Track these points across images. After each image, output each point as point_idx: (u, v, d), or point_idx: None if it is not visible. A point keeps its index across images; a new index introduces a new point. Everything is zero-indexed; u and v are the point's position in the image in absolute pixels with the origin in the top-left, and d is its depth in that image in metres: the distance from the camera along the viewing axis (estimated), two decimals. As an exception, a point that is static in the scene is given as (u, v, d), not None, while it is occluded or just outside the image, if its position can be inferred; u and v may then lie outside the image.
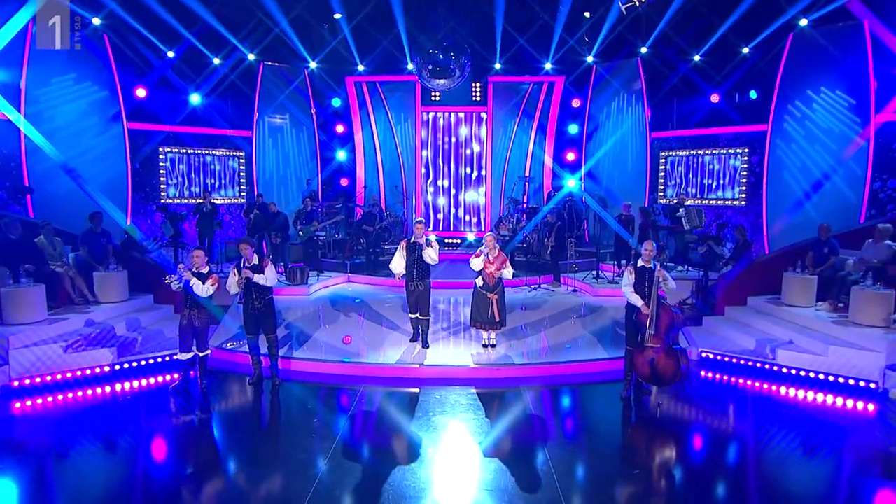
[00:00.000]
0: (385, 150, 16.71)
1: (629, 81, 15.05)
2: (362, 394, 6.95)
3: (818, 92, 11.79)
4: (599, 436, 6.15)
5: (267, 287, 7.11)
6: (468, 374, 7.44)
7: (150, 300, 9.63)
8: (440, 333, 8.72)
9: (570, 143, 16.52)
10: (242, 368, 7.78)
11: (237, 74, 14.75)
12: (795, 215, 11.98)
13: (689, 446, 5.87)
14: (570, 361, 7.66)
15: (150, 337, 8.42)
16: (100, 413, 6.62)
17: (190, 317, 6.97)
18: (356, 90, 16.37)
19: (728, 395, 7.12)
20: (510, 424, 6.26)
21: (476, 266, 7.99)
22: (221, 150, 14.81)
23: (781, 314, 8.55)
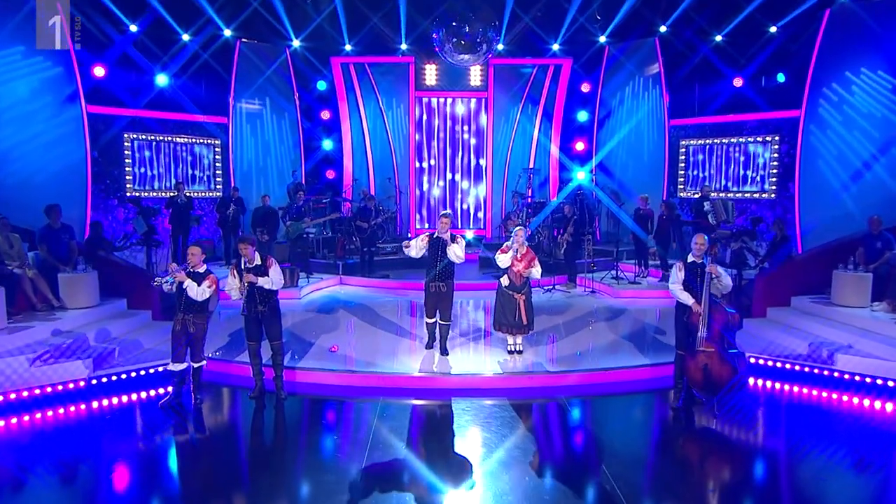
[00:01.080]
0: (375, 138, 16.46)
1: (645, 63, 15.01)
2: (383, 407, 6.66)
3: (858, 73, 11.81)
4: (658, 450, 5.96)
5: (271, 291, 6.78)
6: (499, 382, 7.22)
7: (122, 305, 9.21)
8: (457, 339, 8.49)
9: (578, 131, 16.43)
10: (238, 380, 7.45)
11: (211, 53, 14.31)
12: (832, 209, 11.99)
13: (758, 462, 5.69)
14: (609, 369, 7.47)
15: (129, 347, 8.02)
16: (74, 435, 6.22)
17: (184, 322, 6.61)
18: (343, 72, 16.10)
19: (785, 403, 6.99)
20: (557, 439, 6.05)
21: (503, 262, 7.76)
22: (194, 138, 14.35)
23: (833, 315, 8.47)
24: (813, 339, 8.00)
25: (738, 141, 14.04)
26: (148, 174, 13.70)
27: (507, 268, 7.84)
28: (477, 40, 7.52)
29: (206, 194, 14.55)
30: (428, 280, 7.93)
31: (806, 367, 7.50)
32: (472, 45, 7.56)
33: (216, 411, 6.91)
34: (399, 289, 12.52)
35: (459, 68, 16.23)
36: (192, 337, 6.68)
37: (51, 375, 7.00)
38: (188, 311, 6.59)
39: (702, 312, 6.36)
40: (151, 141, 13.71)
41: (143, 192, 13.44)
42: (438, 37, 7.75)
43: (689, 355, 6.52)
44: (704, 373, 6.37)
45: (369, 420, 6.34)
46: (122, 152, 13.25)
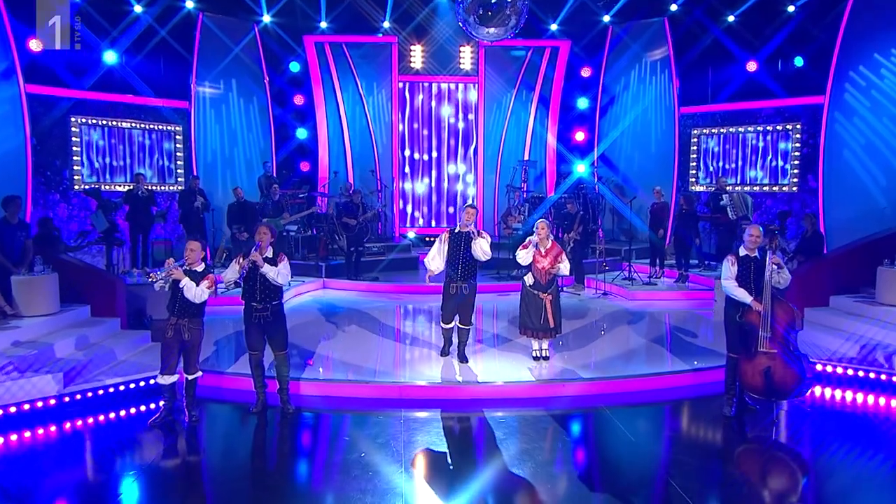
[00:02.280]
0: (353, 127, 16.26)
1: (653, 45, 15.15)
2: (407, 419, 6.48)
3: (888, 55, 12.06)
4: (724, 463, 5.92)
5: (276, 289, 6.55)
6: (532, 391, 7.14)
7: (86, 312, 8.80)
8: (472, 346, 8.33)
9: (578, 120, 16.52)
10: (233, 395, 7.19)
11: (169, 28, 13.86)
12: (860, 203, 12.24)
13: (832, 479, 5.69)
14: (649, 375, 7.45)
15: (101, 359, 7.67)
16: (47, 461, 5.87)
17: (178, 328, 6.32)
18: (318, 53, 15.87)
19: (847, 411, 7.05)
20: (611, 452, 6.00)
21: (524, 260, 7.67)
22: (151, 124, 13.88)
23: (881, 315, 8.58)
24: (863, 342, 8.09)
25: (755, 130, 14.25)
26: (97, 164, 13.16)
27: (530, 265, 7.73)
28: (506, 12, 7.40)
29: (167, 188, 14.08)
30: (447, 280, 7.78)
31: (861, 370, 7.56)
32: (500, 17, 7.43)
33: (213, 430, 6.64)
34: (390, 292, 12.37)
35: (447, 50, 16.24)
36: (186, 344, 6.41)
37: (16, 393, 6.62)
38: (183, 314, 6.31)
39: (762, 310, 6.34)
40: (104, 127, 13.20)
41: (95, 184, 12.91)
42: (462, 6, 7.60)
43: (744, 358, 6.50)
44: (765, 377, 6.34)
45: (396, 434, 6.15)
46: (70, 139, 12.71)
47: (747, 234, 6.65)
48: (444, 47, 16.20)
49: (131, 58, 13.31)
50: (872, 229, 11.23)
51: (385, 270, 13.39)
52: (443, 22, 15.86)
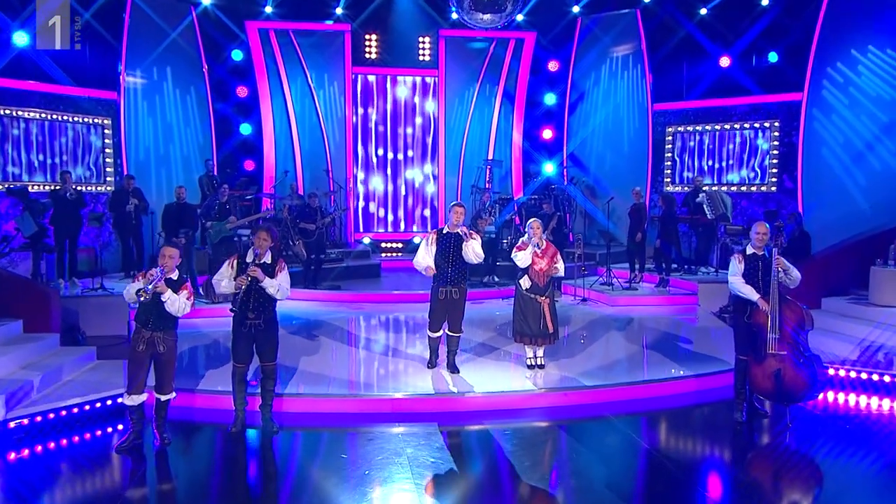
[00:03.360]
0: (303, 122, 16.15)
1: (624, 38, 15.57)
2: (406, 435, 6.49)
3: (865, 52, 12.82)
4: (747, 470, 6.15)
5: (272, 297, 6.46)
6: (534, 401, 7.25)
7: (18, 327, 8.43)
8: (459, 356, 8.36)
9: (546, 117, 16.87)
10: (203, 415, 7.05)
11: (93, 10, 13.43)
12: (839, 203, 12.92)
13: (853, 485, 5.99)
14: (653, 381, 7.70)
15: (48, 378, 7.37)
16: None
17: (151, 341, 6.15)
18: (262, 40, 15.71)
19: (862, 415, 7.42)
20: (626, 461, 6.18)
21: (523, 261, 7.79)
22: (75, 116, 13.42)
23: (877, 316, 9.08)
24: (861, 343, 8.55)
25: (731, 128, 14.85)
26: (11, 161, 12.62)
27: (527, 267, 7.86)
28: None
29: (94, 188, 13.62)
30: (436, 285, 7.84)
31: (864, 372, 7.98)
32: (496, 3, 7.56)
33: (191, 453, 6.49)
34: (353, 302, 12.33)
35: (405, 40, 16.36)
36: (159, 359, 6.24)
37: (-47, 418, 6.30)
38: (158, 327, 6.15)
39: (770, 310, 6.63)
40: (18, 118, 12.67)
41: (9, 184, 12.40)
42: (458, -9, 7.73)
43: (754, 361, 6.78)
44: (776, 380, 6.63)
45: (398, 450, 6.15)
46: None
47: (754, 232, 6.96)
48: (402, 37, 16.33)
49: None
50: (853, 230, 11.89)
51: (342, 278, 13.33)
52: (401, 10, 15.97)
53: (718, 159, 15.00)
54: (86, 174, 13.58)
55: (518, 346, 8.29)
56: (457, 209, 7.83)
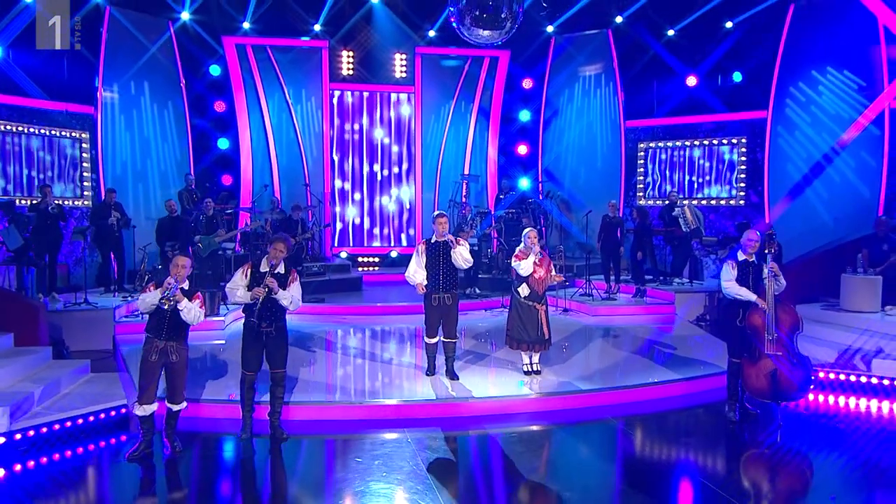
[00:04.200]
0: (280, 138, 16.14)
1: (597, 58, 15.99)
2: (415, 440, 6.57)
3: (824, 72, 13.43)
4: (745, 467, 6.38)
5: (284, 308, 6.50)
6: (536, 405, 7.43)
7: (9, 341, 8.27)
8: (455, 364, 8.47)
9: (520, 133, 17.17)
10: (208, 424, 7.02)
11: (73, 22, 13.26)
12: (803, 216, 13.44)
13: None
14: (648, 384, 7.94)
15: (48, 391, 7.26)
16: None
17: (164, 350, 6.14)
18: (239, 56, 15.71)
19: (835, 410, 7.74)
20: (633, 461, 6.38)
21: (525, 270, 7.96)
22: (53, 130, 13.23)
23: (849, 321, 9.49)
24: (837, 347, 8.92)
25: (700, 144, 15.34)
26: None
27: (527, 276, 8.02)
28: (501, 15, 7.76)
29: (73, 202, 13.41)
30: (428, 292, 7.96)
31: (843, 374, 8.33)
32: (496, 20, 7.78)
33: (196, 462, 6.46)
34: (336, 314, 12.32)
35: (381, 57, 16.51)
36: (171, 368, 6.24)
37: (-41, 430, 6.18)
38: (172, 336, 6.16)
39: (768, 311, 6.90)
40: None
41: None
42: (457, 7, 7.89)
43: (748, 362, 7.04)
44: (772, 380, 6.90)
45: (409, 455, 6.23)
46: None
47: (746, 239, 7.26)
48: (379, 54, 16.47)
49: (23, 54, 12.62)
50: (817, 241, 12.40)
51: (324, 291, 13.31)
52: (378, 27, 16.14)
53: (689, 174, 15.46)
54: (64, 188, 13.35)
55: (507, 353, 8.51)
56: (440, 219, 7.98)
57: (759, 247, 7.21)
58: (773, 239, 7.32)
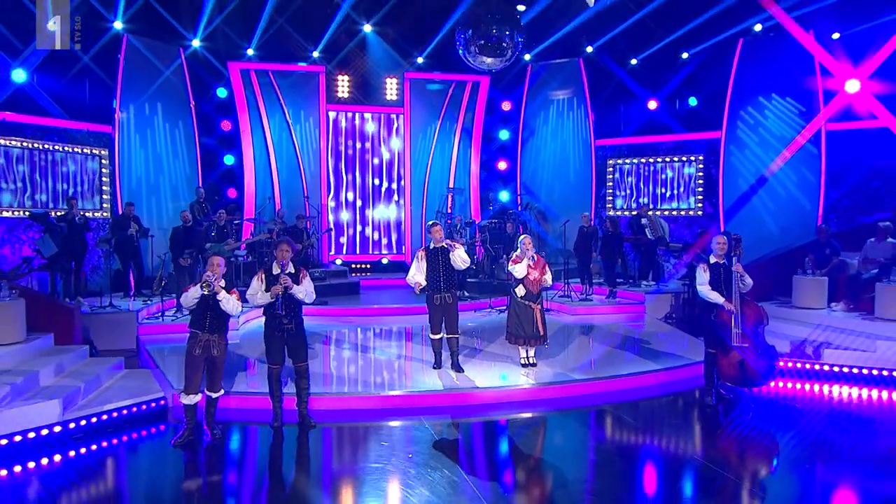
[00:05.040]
0: (280, 154, 16.20)
1: (570, 83, 16.36)
2: (433, 426, 6.76)
3: (770, 98, 13.99)
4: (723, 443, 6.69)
5: (299, 302, 6.65)
6: (537, 394, 7.64)
7: (49, 340, 8.29)
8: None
9: (501, 150, 17.44)
10: (237, 414, 7.09)
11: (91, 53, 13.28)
12: (754, 224, 13.92)
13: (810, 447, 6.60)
14: (636, 374, 8.26)
15: (91, 385, 7.33)
16: (69, 488, 5.64)
17: (207, 345, 6.26)
18: (243, 80, 15.76)
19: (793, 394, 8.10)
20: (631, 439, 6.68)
21: (520, 273, 8.20)
22: (76, 147, 13.20)
23: (801, 317, 9.92)
24: (792, 339, 9.31)
25: (663, 161, 15.78)
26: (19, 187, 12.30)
27: (522, 278, 8.27)
28: (503, 44, 8.02)
29: (93, 214, 13.34)
30: (431, 293, 8.17)
31: (799, 363, 8.71)
32: (499, 49, 8.04)
33: (242, 447, 6.62)
34: (340, 315, 12.44)
35: (373, 81, 16.69)
36: (213, 361, 6.36)
37: (19, 421, 6.22)
38: (214, 329, 6.28)
39: (734, 310, 7.24)
40: (24, 149, 12.39)
41: (16, 210, 12.09)
42: (464, 37, 8.14)
43: (721, 353, 7.37)
44: (741, 368, 7.25)
45: (430, 438, 6.42)
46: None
47: (714, 243, 7.59)
48: (371, 78, 16.62)
49: (47, 77, 12.61)
50: (766, 248, 12.85)
51: (324, 295, 13.36)
52: (370, 54, 16.33)
53: (652, 187, 15.89)
54: (86, 201, 13.30)
55: (506, 349, 8.74)
56: (435, 228, 8.26)
57: (727, 248, 7.52)
58: (739, 243, 7.63)
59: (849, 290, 10.07)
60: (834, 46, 13.36)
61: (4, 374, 6.86)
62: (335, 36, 15.90)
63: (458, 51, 8.70)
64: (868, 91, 12.81)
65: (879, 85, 12.66)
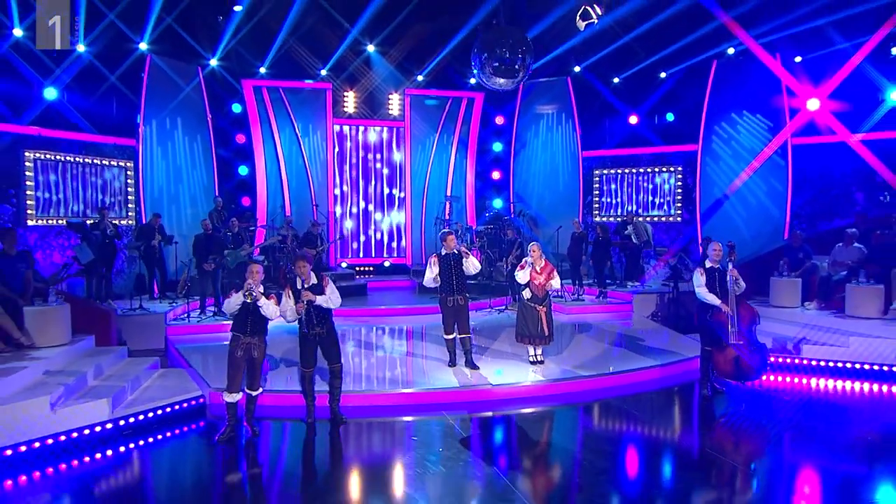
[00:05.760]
0: (290, 165, 16.15)
1: (558, 99, 16.47)
2: (458, 421, 6.79)
3: (741, 115, 14.22)
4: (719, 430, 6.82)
5: (328, 310, 6.64)
6: (546, 389, 7.71)
7: (91, 342, 8.22)
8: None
9: (495, 161, 17.50)
10: (270, 411, 7.06)
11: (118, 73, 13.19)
12: (727, 232, 14.07)
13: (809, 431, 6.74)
14: (635, 370, 8.33)
15: (134, 384, 7.29)
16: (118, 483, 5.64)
17: (248, 346, 6.24)
18: (256, 96, 15.69)
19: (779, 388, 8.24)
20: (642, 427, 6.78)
21: (522, 279, 8.27)
22: (104, 160, 13.07)
23: (778, 315, 10.08)
24: (772, 336, 9.45)
25: (645, 171, 15.96)
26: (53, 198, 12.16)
27: (527, 282, 8.32)
28: (515, 67, 8.08)
29: (120, 222, 13.19)
30: (445, 296, 8.21)
31: (782, 357, 8.87)
32: (511, 71, 8.10)
33: (282, 442, 6.62)
34: (349, 316, 12.37)
35: (377, 97, 16.69)
36: (253, 362, 6.35)
37: (73, 419, 6.17)
38: (255, 333, 6.27)
39: (730, 311, 7.36)
40: (58, 162, 12.25)
41: (49, 218, 11.94)
42: (479, 60, 8.18)
43: (717, 350, 7.48)
44: (735, 364, 7.37)
45: (458, 432, 6.46)
46: (23, 173, 11.69)
47: (711, 250, 7.70)
48: (375, 94, 16.63)
49: (76, 95, 12.51)
50: (739, 254, 12.96)
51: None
52: (374, 71, 16.31)
53: (635, 195, 16.06)
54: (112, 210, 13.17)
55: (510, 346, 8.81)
56: (449, 237, 8.30)
57: (722, 255, 7.63)
58: (734, 249, 7.74)
59: (820, 291, 10.26)
60: (797, 69, 13.70)
61: (57, 374, 6.81)
62: (342, 55, 15.87)
63: (473, 71, 8.72)
64: (827, 109, 13.14)
65: (836, 104, 13.03)
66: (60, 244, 12.13)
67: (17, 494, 5.33)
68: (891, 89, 12.46)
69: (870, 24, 11.91)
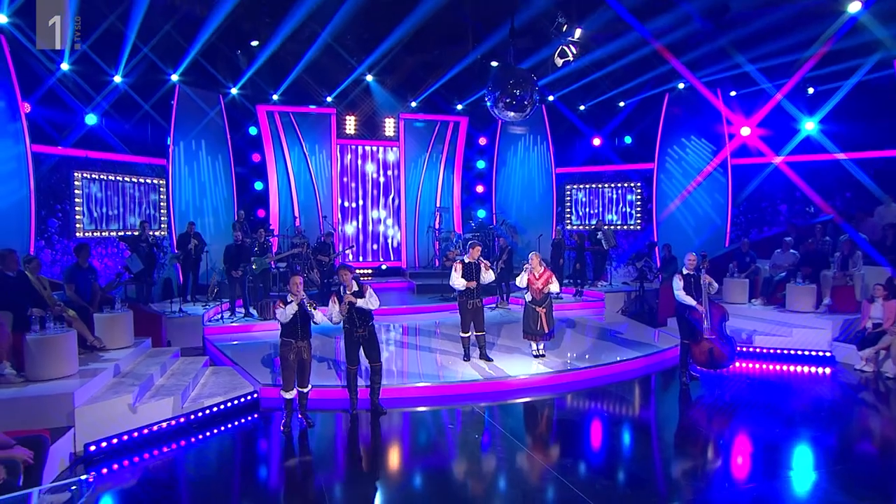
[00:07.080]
0: (299, 181, 16.04)
1: (534, 123, 16.71)
2: (488, 410, 6.94)
3: (689, 139, 14.70)
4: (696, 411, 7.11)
5: (369, 312, 6.71)
6: (555, 379, 7.89)
7: (148, 344, 8.11)
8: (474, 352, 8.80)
9: (478, 177, 17.68)
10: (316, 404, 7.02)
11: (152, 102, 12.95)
12: (679, 239, 14.57)
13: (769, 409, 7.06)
14: (624, 360, 8.62)
15: (193, 382, 7.21)
16: (189, 470, 5.65)
17: (298, 350, 6.28)
18: (269, 120, 15.55)
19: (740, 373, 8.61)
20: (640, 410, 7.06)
21: (521, 283, 8.48)
22: (141, 178, 12.82)
23: (733, 311, 10.34)
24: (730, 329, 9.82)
25: (611, 186, 16.33)
26: (95, 213, 11.88)
27: (526, 286, 8.53)
28: (525, 103, 8.25)
29: (154, 233, 12.95)
30: (465, 299, 8.34)
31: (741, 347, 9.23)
32: (521, 105, 8.26)
33: (327, 432, 6.61)
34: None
35: (374, 120, 16.69)
36: (303, 363, 6.38)
37: (149, 415, 6.12)
38: (304, 338, 6.31)
39: (704, 310, 7.69)
40: (102, 180, 11.98)
41: (96, 231, 11.67)
42: (493, 96, 8.32)
43: (693, 343, 7.79)
44: (710, 355, 7.70)
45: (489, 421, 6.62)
46: (73, 191, 11.41)
47: (687, 259, 8.01)
48: (374, 118, 16.63)
49: (113, 121, 12.27)
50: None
51: (343, 298, 13.34)
52: (373, 98, 16.32)
53: (600, 207, 16.44)
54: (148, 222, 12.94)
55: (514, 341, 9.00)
56: (476, 247, 8.45)
57: (696, 263, 7.94)
58: (706, 259, 8.07)
59: (764, 290, 10.74)
60: (733, 103, 14.34)
61: (129, 375, 6.73)
62: (345, 84, 15.84)
63: (486, 103, 8.84)
64: (756, 135, 13.80)
65: (763, 131, 13.70)
66: (98, 252, 11.85)
67: (114, 479, 5.29)
68: (804, 120, 13.18)
69: (789, 70, 12.61)
